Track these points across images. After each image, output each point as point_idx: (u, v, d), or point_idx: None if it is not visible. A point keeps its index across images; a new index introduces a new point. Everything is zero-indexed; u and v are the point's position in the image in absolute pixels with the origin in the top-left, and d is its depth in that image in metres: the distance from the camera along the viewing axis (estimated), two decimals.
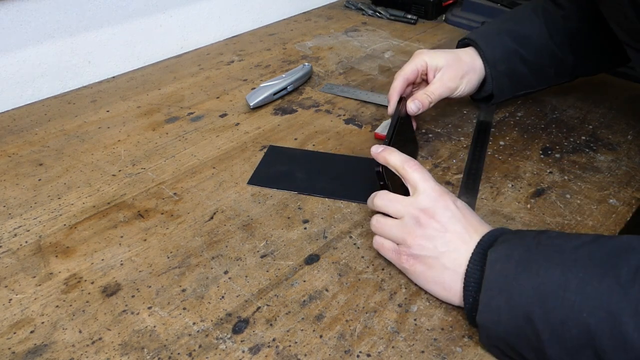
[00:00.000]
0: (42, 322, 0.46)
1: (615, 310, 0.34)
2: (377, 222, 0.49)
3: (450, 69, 0.64)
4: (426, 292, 0.47)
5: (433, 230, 0.45)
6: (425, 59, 0.65)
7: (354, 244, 0.53)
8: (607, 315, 0.34)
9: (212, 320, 0.45)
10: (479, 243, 0.44)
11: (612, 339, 0.34)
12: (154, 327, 0.45)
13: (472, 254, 0.43)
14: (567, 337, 0.36)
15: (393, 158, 0.49)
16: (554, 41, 0.66)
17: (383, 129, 0.70)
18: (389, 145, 0.52)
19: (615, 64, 0.72)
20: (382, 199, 0.49)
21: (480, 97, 0.71)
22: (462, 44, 0.70)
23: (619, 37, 0.57)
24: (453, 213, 0.46)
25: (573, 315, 0.35)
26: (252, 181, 0.62)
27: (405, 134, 0.63)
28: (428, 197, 0.47)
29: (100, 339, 0.44)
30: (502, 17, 0.71)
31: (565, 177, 0.61)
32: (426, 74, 0.66)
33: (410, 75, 0.65)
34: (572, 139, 0.68)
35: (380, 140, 0.69)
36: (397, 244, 0.48)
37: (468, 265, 0.43)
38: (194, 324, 0.45)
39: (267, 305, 0.47)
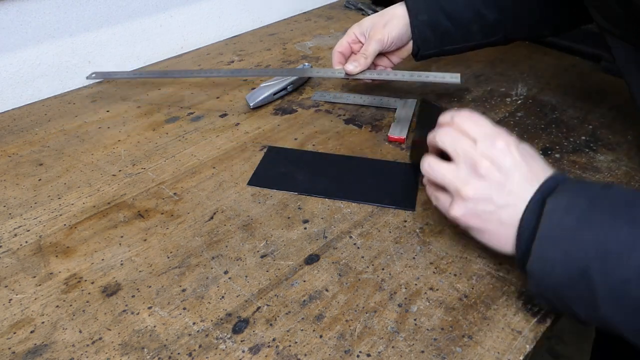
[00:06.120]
0: (42, 322, 0.46)
1: None
2: (429, 166, 0.46)
3: (375, 26, 0.69)
4: (426, 292, 0.47)
5: (492, 181, 0.42)
6: (354, 29, 0.71)
7: (354, 244, 0.53)
8: None
9: (212, 320, 0.45)
10: (538, 189, 0.41)
11: None
12: (154, 327, 0.45)
13: (529, 201, 0.40)
14: (628, 297, 0.34)
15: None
16: None
17: (397, 132, 0.69)
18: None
19: (555, 31, 0.70)
20: (446, 134, 0.46)
21: (413, 53, 0.71)
22: None
23: (597, 22, 0.55)
24: (514, 159, 0.42)
25: (638, 277, 0.33)
26: (252, 182, 0.62)
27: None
28: (487, 144, 0.43)
29: (100, 338, 0.44)
30: None
31: None
32: (360, 41, 0.71)
33: (342, 49, 0.72)
34: (572, 139, 0.68)
35: (395, 143, 0.68)
36: (449, 193, 0.45)
37: (524, 212, 0.40)
38: (194, 324, 0.45)
39: (267, 305, 0.47)
